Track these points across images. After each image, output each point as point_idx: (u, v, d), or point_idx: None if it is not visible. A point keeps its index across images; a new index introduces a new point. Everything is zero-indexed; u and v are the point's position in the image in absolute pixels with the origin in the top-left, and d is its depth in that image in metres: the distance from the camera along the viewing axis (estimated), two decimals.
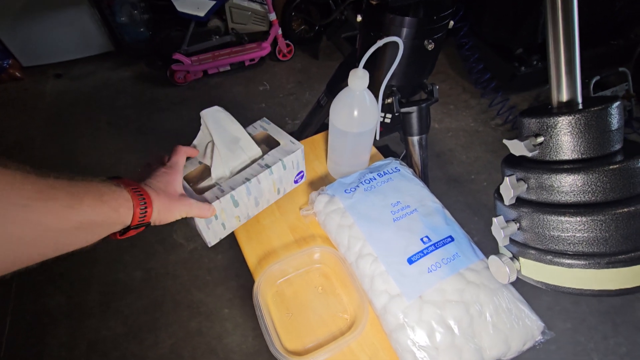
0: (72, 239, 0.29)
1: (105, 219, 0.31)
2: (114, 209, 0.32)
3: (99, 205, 0.30)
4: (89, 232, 0.30)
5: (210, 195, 0.49)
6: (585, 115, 0.34)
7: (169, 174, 0.42)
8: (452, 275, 0.47)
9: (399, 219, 0.53)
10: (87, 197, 0.29)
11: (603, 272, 0.34)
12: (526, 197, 0.39)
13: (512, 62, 1.68)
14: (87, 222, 0.29)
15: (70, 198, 0.28)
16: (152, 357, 1.04)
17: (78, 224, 0.28)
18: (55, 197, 0.27)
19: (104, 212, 0.31)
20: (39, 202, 0.25)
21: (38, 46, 1.89)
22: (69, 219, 0.27)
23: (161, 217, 0.38)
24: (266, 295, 0.53)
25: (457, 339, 0.43)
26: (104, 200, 0.31)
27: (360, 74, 0.49)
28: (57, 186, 0.27)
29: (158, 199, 0.37)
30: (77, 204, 0.28)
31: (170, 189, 0.40)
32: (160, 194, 0.38)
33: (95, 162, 1.53)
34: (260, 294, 0.50)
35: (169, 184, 0.40)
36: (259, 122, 0.60)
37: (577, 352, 1.07)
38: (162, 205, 0.38)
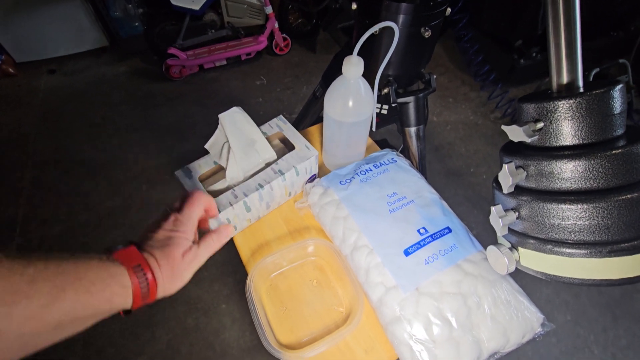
0: (49, 340, 0.25)
1: (94, 313, 0.28)
2: (107, 300, 0.28)
3: (86, 298, 0.26)
4: (73, 328, 0.27)
5: (224, 200, 0.50)
6: (587, 98, 0.33)
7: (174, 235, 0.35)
8: (449, 266, 0.46)
9: (395, 210, 0.52)
10: (71, 290, 0.25)
11: (605, 261, 0.33)
12: (525, 185, 0.38)
13: (512, 54, 1.66)
14: (67, 319, 0.26)
15: (48, 294, 0.24)
16: (149, 352, 1.03)
17: (56, 324, 0.25)
18: (30, 295, 0.23)
19: (91, 306, 0.27)
20: (2, 308, 0.22)
21: (31, 42, 1.86)
22: (44, 320, 0.24)
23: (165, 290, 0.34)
24: (260, 289, 0.52)
25: (455, 332, 0.42)
26: (93, 292, 0.27)
27: (354, 61, 0.48)
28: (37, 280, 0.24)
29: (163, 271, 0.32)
30: (58, 301, 0.24)
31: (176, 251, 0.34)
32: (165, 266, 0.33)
33: (89, 158, 1.51)
34: (254, 287, 0.49)
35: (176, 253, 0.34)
36: (275, 120, 0.60)
37: (577, 345, 1.06)
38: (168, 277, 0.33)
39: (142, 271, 0.31)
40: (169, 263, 0.33)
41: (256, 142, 0.55)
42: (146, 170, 1.47)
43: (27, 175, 1.45)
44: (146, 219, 1.32)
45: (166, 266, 0.33)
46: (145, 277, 0.31)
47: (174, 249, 0.34)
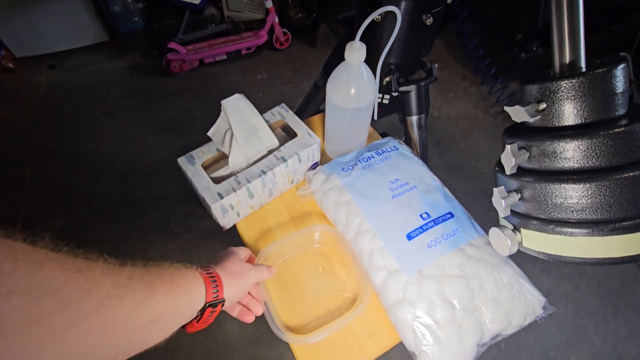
0: (145, 335, 0.27)
1: (179, 306, 0.30)
2: (186, 291, 0.31)
3: (172, 289, 0.29)
4: (163, 324, 0.29)
5: (226, 186, 0.50)
6: (589, 77, 0.33)
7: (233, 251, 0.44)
8: (452, 250, 0.46)
9: (398, 196, 0.52)
10: (160, 284, 0.28)
11: (607, 239, 0.33)
12: (528, 167, 0.38)
13: (512, 49, 1.66)
14: (161, 312, 0.28)
15: (145, 288, 0.27)
16: None
17: (153, 316, 0.27)
18: (132, 289, 0.26)
19: (177, 297, 0.30)
20: (116, 300, 0.24)
21: (31, 37, 1.86)
22: (144, 312, 0.26)
23: (234, 291, 0.38)
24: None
25: (458, 314, 0.43)
26: (176, 284, 0.30)
27: (357, 46, 0.48)
28: (134, 276, 0.26)
29: (226, 275, 0.38)
30: (152, 294, 0.27)
31: (237, 263, 0.41)
32: (228, 271, 0.39)
33: (90, 152, 1.51)
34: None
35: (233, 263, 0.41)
36: (277, 108, 0.60)
37: (578, 335, 1.07)
38: (231, 280, 0.38)
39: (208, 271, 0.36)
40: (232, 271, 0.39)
41: (259, 129, 0.55)
42: (147, 165, 1.47)
43: (28, 170, 1.45)
44: (148, 213, 1.32)
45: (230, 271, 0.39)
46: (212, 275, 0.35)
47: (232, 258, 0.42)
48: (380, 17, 0.59)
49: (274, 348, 1.04)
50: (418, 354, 0.42)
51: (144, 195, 1.38)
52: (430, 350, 0.41)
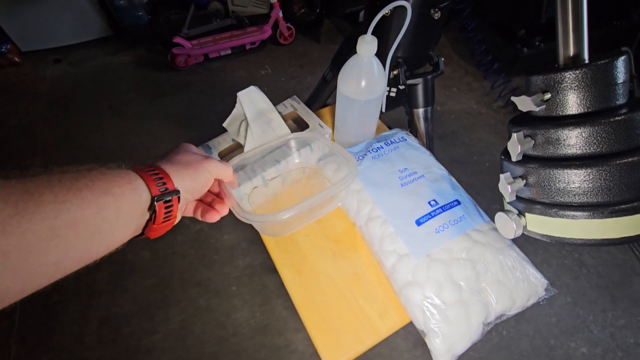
0: (53, 254, 0.22)
1: (98, 211, 0.24)
2: (104, 191, 0.25)
3: (74, 193, 0.23)
4: (82, 236, 0.24)
5: (242, 175, 0.53)
6: (592, 68, 0.35)
7: (182, 145, 0.36)
8: (459, 235, 0.49)
9: (407, 184, 0.54)
10: (48, 191, 0.22)
11: (606, 221, 0.36)
12: (532, 154, 0.40)
13: (515, 44, 1.68)
14: (62, 224, 0.22)
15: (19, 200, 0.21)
16: (163, 332, 1.06)
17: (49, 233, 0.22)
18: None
19: (87, 202, 0.24)
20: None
21: (36, 31, 1.87)
22: (23, 229, 0.21)
23: (189, 182, 0.32)
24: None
25: (464, 294, 0.45)
26: (81, 187, 0.24)
27: (368, 39, 0.50)
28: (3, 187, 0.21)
29: (173, 166, 0.32)
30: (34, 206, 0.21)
31: (188, 155, 0.35)
32: (175, 162, 0.33)
33: (98, 145, 1.54)
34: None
35: (181, 153, 0.35)
36: (289, 100, 0.62)
37: (577, 325, 1.10)
38: (182, 170, 0.32)
39: (149, 165, 0.30)
40: (179, 158, 0.33)
41: (272, 120, 0.57)
42: (154, 158, 1.46)
43: (37, 162, 1.48)
44: None
45: (182, 162, 0.33)
46: (152, 169, 0.29)
47: (181, 149, 0.35)
48: (389, 11, 0.60)
49: (282, 336, 1.07)
50: (427, 332, 0.45)
51: None
52: (439, 328, 0.44)
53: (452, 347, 0.44)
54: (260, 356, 1.03)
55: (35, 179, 0.22)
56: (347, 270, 0.53)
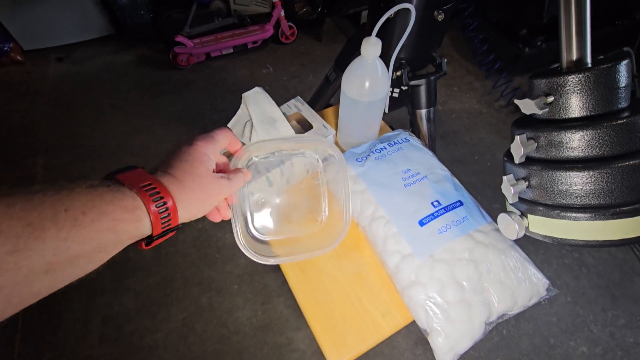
0: (47, 284, 0.22)
1: (97, 247, 0.23)
2: (108, 228, 0.23)
3: (77, 230, 0.22)
4: (77, 267, 0.23)
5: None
6: (595, 72, 0.35)
7: (199, 154, 0.31)
8: (461, 236, 0.49)
9: (410, 185, 0.55)
10: (52, 226, 0.21)
11: (608, 223, 0.36)
12: (535, 156, 0.41)
13: (517, 43, 1.68)
14: (61, 260, 0.22)
15: (19, 235, 0.20)
16: (165, 330, 1.07)
17: (45, 267, 0.21)
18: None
19: (89, 239, 0.23)
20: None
21: (39, 29, 1.88)
22: (19, 267, 0.20)
23: (193, 213, 0.30)
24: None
25: (467, 294, 0.46)
26: (86, 223, 0.22)
27: (373, 41, 0.50)
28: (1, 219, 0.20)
29: (185, 193, 0.28)
30: (34, 242, 0.20)
31: (202, 179, 0.30)
32: (189, 188, 0.29)
33: (100, 144, 1.54)
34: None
35: (199, 171, 0.30)
36: (293, 101, 0.62)
37: (577, 324, 1.10)
38: (191, 197, 0.29)
39: (156, 191, 0.26)
40: (194, 179, 0.29)
41: (276, 120, 0.58)
42: (156, 157, 1.49)
43: (39, 160, 1.48)
44: None
45: (190, 180, 0.29)
46: (159, 196, 0.26)
47: (195, 164, 0.30)
48: (393, 13, 0.61)
49: (284, 334, 1.07)
50: (430, 331, 0.45)
51: None
52: (442, 328, 0.45)
53: (454, 346, 0.44)
54: (261, 354, 1.04)
55: (41, 205, 0.21)
56: (351, 270, 0.54)
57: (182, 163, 0.29)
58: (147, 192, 0.26)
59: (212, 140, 0.33)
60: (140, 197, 0.25)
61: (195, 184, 0.29)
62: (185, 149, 0.31)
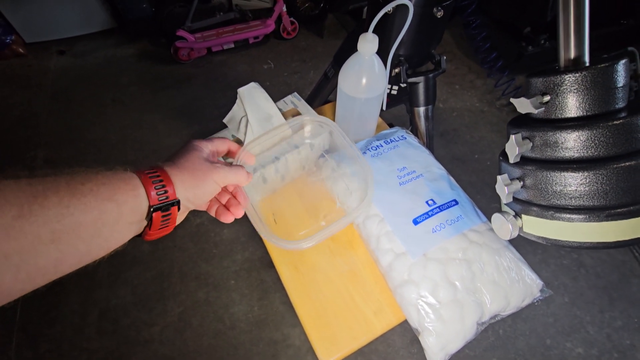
0: (53, 256, 0.23)
1: (99, 216, 0.25)
2: (107, 197, 0.25)
3: (78, 199, 0.24)
4: (82, 240, 0.24)
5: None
6: (592, 72, 0.35)
7: (193, 145, 0.35)
8: (455, 235, 0.49)
9: (405, 183, 0.54)
10: (54, 195, 0.23)
11: (602, 224, 0.36)
12: (531, 156, 0.40)
13: (520, 42, 1.66)
14: (64, 228, 0.23)
15: (24, 203, 0.22)
16: (162, 324, 1.08)
17: (50, 235, 0.22)
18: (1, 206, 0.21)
19: (90, 207, 0.24)
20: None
21: (40, 22, 1.87)
22: (26, 232, 0.21)
23: (192, 192, 0.32)
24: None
25: (459, 294, 0.45)
26: (85, 192, 0.24)
27: (369, 37, 0.50)
28: (4, 190, 0.22)
29: (179, 172, 0.31)
30: (39, 209, 0.22)
31: (197, 161, 0.33)
32: (181, 167, 0.32)
33: (100, 138, 1.54)
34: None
35: (190, 158, 0.33)
36: (290, 97, 0.62)
37: (574, 325, 1.10)
38: (187, 178, 0.31)
39: (152, 169, 0.29)
40: (192, 167, 0.32)
41: (272, 116, 0.57)
42: (156, 151, 1.50)
43: (40, 154, 1.49)
44: None
45: (189, 167, 0.32)
46: (156, 174, 0.29)
47: (190, 154, 0.33)
48: (392, 9, 0.60)
49: (280, 330, 1.08)
50: (421, 330, 0.45)
51: None
52: (433, 327, 0.44)
53: (445, 346, 0.44)
54: (257, 350, 1.04)
55: (44, 180, 0.23)
56: (344, 268, 0.54)
57: (178, 152, 0.34)
58: (142, 170, 0.29)
59: (209, 141, 0.37)
60: (137, 174, 0.29)
61: (189, 163, 0.32)
62: (183, 145, 0.35)
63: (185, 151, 0.34)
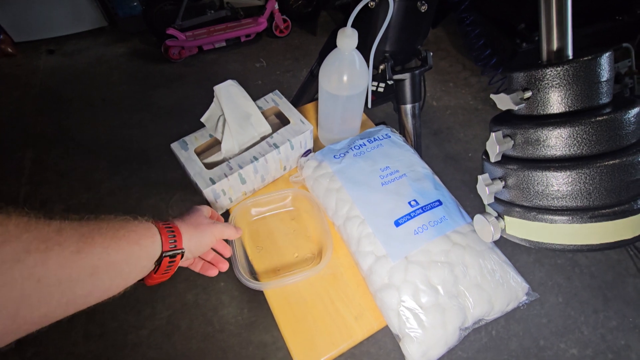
0: (88, 288, 0.26)
1: (126, 258, 0.29)
2: (135, 242, 0.30)
3: (115, 241, 0.28)
4: (109, 276, 0.28)
5: (218, 172, 0.51)
6: (574, 65, 0.33)
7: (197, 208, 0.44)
8: (438, 237, 0.47)
9: (388, 184, 0.52)
10: (98, 237, 0.27)
11: (586, 226, 0.34)
12: (512, 154, 0.39)
13: (514, 39, 1.64)
14: (102, 264, 0.27)
15: (78, 241, 0.26)
16: (150, 327, 1.06)
17: (91, 270, 0.26)
18: (60, 242, 0.25)
19: (121, 249, 0.29)
20: (36, 254, 0.23)
21: (30, 21, 1.84)
22: (78, 265, 0.25)
23: (194, 243, 0.38)
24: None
25: (441, 298, 0.44)
26: (120, 236, 0.29)
27: (348, 32, 0.48)
28: (65, 229, 0.25)
29: (186, 226, 0.38)
30: (88, 246, 0.26)
31: (199, 219, 0.41)
32: (188, 223, 0.39)
33: (90, 138, 1.52)
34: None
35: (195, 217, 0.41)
36: (271, 95, 0.60)
37: (568, 325, 1.09)
38: (192, 232, 0.38)
39: (167, 223, 0.36)
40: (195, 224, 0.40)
41: (251, 115, 0.56)
42: (146, 151, 1.48)
43: (28, 154, 1.46)
44: (146, 198, 1.33)
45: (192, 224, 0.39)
46: (169, 226, 0.36)
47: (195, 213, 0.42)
48: (374, 3, 0.58)
49: (269, 333, 1.06)
50: (402, 336, 0.44)
51: (143, 181, 1.39)
52: (414, 334, 0.43)
53: (426, 352, 0.43)
54: (246, 353, 1.02)
55: (90, 223, 0.28)
56: (325, 271, 0.52)
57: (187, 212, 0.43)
58: (159, 222, 0.36)
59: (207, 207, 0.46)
60: (155, 224, 0.34)
61: (194, 220, 0.40)
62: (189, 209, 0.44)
63: (192, 211, 0.42)
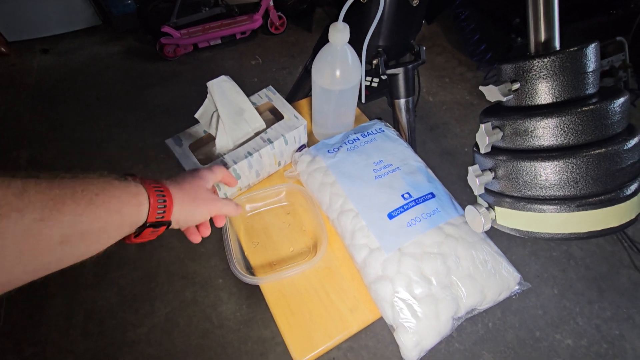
0: (58, 255, 0.24)
1: (104, 226, 0.26)
2: (116, 210, 0.27)
3: (91, 209, 0.25)
4: (85, 244, 0.26)
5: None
6: (561, 56, 0.34)
7: (200, 175, 0.39)
8: (431, 229, 0.48)
9: (381, 177, 0.53)
10: (70, 201, 0.24)
11: (573, 215, 0.35)
12: (502, 146, 0.39)
13: (509, 33, 1.64)
14: (74, 233, 0.24)
15: (44, 207, 0.22)
16: (149, 325, 1.06)
17: (60, 238, 0.24)
18: (20, 208, 0.21)
19: (99, 217, 0.26)
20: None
21: (23, 20, 1.83)
22: (42, 234, 0.22)
23: (185, 215, 0.34)
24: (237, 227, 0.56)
25: (434, 289, 0.44)
26: (98, 203, 0.26)
27: (340, 27, 0.48)
28: (28, 191, 0.22)
29: (181, 195, 0.33)
30: (55, 214, 0.23)
31: (200, 190, 0.37)
32: (184, 191, 0.34)
33: (85, 137, 1.52)
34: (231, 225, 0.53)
35: (195, 187, 0.37)
36: (265, 90, 0.60)
37: (563, 316, 1.10)
38: (186, 203, 0.34)
39: (159, 186, 0.31)
40: (193, 192, 0.35)
41: (245, 111, 0.56)
42: (142, 150, 1.48)
43: (23, 154, 1.46)
44: None
45: (190, 191, 0.35)
46: (161, 192, 0.31)
47: (196, 182, 0.37)
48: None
49: (268, 328, 1.07)
50: (396, 327, 0.44)
51: None
52: (408, 324, 0.43)
53: (420, 342, 0.43)
54: (245, 348, 1.03)
55: (62, 184, 0.24)
56: (320, 264, 0.52)
57: (185, 176, 0.37)
58: (151, 185, 0.31)
59: (212, 172, 0.41)
60: (145, 187, 0.30)
61: (192, 189, 0.36)
62: (190, 171, 0.39)
63: (192, 177, 0.37)
